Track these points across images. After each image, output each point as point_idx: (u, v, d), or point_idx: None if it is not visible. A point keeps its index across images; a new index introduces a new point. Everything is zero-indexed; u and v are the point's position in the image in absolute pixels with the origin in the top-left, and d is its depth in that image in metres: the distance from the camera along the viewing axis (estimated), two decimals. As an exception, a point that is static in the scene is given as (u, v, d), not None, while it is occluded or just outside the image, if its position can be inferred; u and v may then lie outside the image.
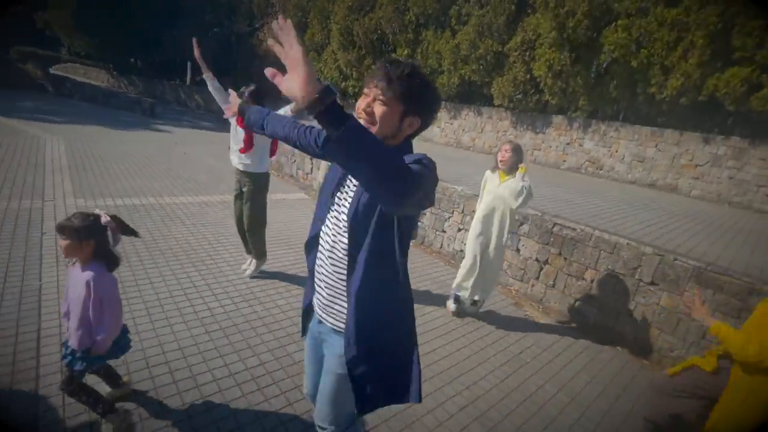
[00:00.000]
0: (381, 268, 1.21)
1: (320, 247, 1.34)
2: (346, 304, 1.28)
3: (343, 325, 1.30)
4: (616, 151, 8.97)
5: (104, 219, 1.74)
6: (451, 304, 3.60)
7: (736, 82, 6.84)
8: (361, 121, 1.13)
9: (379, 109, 1.13)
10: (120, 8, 20.99)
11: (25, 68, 23.43)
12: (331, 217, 1.29)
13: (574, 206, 5.01)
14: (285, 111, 3.07)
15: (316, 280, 1.38)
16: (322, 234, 1.33)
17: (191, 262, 3.83)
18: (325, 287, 1.34)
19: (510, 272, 4.37)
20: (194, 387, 2.30)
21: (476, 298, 3.56)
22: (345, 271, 1.25)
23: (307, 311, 1.49)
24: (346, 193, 1.26)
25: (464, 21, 11.07)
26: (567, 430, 2.43)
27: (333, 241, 1.28)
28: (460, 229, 4.92)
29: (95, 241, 1.71)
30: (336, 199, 1.29)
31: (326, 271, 1.32)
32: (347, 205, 1.23)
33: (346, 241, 1.23)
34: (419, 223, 5.38)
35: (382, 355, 1.29)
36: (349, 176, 1.25)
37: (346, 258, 1.23)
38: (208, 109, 19.28)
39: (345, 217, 1.22)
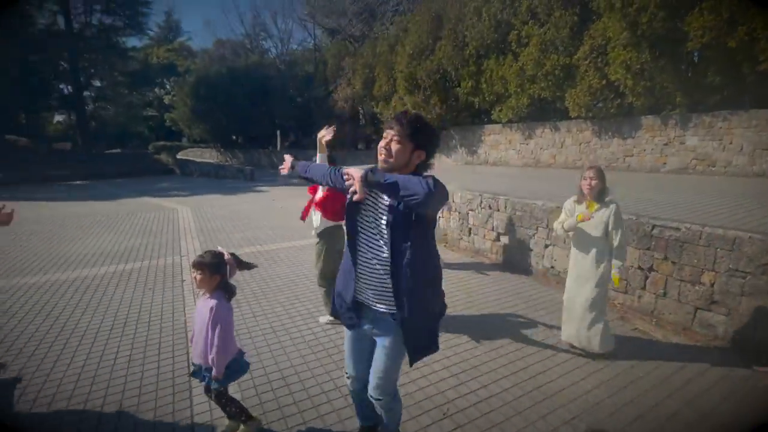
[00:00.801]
0: (418, 249, 1.61)
1: (361, 249, 1.70)
2: (389, 288, 1.66)
3: (392, 306, 1.67)
4: (730, 143, 7.81)
5: (226, 256, 2.14)
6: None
7: None
8: (382, 155, 1.59)
9: (395, 147, 1.57)
10: (222, 98, 25.33)
11: (159, 158, 29.19)
12: (366, 229, 1.69)
13: (675, 207, 4.49)
14: (320, 159, 3.37)
15: (362, 275, 1.72)
16: (360, 244, 1.70)
17: (295, 295, 4.30)
18: (372, 279, 1.70)
19: (610, 285, 4.01)
20: (293, 403, 2.56)
21: (597, 351, 2.97)
22: (387, 262, 1.64)
23: (355, 307, 1.79)
24: (371, 211, 1.68)
25: (525, 43, 11.07)
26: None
27: (373, 245, 1.67)
28: (547, 246, 4.72)
29: (220, 275, 2.11)
30: (365, 217, 1.69)
31: (371, 265, 1.69)
32: (382, 217, 1.63)
33: (385, 240, 1.63)
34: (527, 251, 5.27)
35: (421, 312, 1.68)
36: (367, 203, 1.68)
37: (389, 253, 1.62)
38: (297, 167, 21.58)
39: (384, 224, 1.61)
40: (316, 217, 3.49)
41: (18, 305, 4.12)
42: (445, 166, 13.55)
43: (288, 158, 2.11)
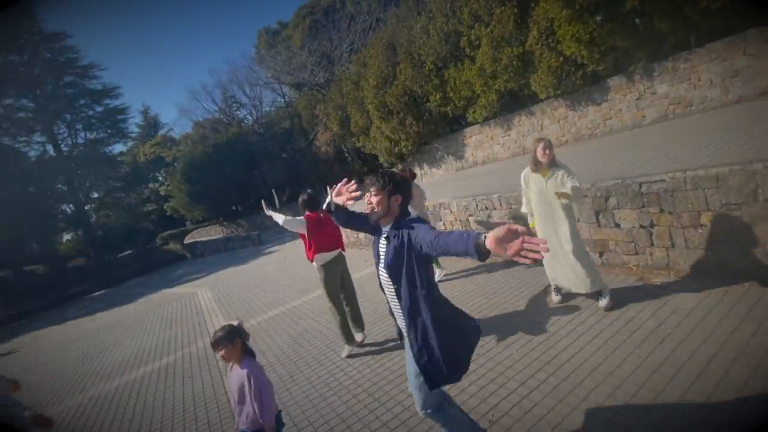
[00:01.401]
0: (414, 291, 1.89)
1: (387, 292, 2.04)
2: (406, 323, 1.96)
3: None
4: (699, 80, 7.95)
5: (236, 323, 2.33)
6: (554, 296, 3.74)
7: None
8: (369, 209, 1.98)
9: (375, 199, 1.96)
10: (213, 176, 26.21)
11: (168, 248, 29.89)
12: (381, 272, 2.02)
13: (663, 160, 4.58)
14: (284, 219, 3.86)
15: (395, 313, 2.07)
16: (383, 284, 2.05)
17: (327, 346, 4.39)
18: (400, 315, 2.00)
19: (620, 249, 4.07)
20: (356, 445, 2.62)
21: (589, 291, 3.41)
22: (398, 303, 1.96)
23: (400, 335, 2.16)
24: (380, 256, 2.02)
25: (477, 45, 11.52)
26: (741, 388, 2.13)
27: (387, 286, 1.99)
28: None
29: (240, 340, 2.26)
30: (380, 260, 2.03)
31: (395, 305, 2.02)
32: (381, 260, 1.99)
33: (391, 282, 1.95)
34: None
35: (433, 348, 1.91)
36: (377, 247, 2.05)
37: (395, 293, 1.94)
38: (299, 219, 22.00)
39: (383, 269, 1.96)
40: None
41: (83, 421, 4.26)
42: (437, 179, 13.77)
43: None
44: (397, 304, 1.95)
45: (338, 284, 4.06)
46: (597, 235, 4.24)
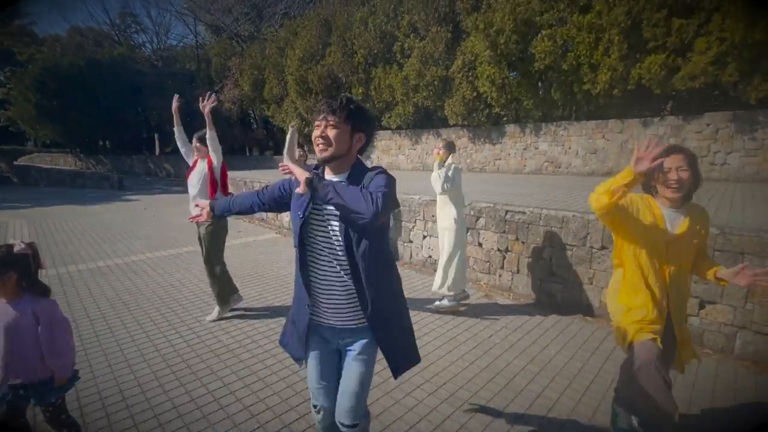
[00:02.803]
0: (377, 260, 1.49)
1: (314, 272, 1.53)
2: (355, 303, 1.50)
3: (360, 322, 1.53)
4: (569, 148, 9.44)
5: (17, 248, 1.69)
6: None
7: (655, 68, 7.46)
8: (320, 146, 1.43)
9: (332, 132, 1.41)
10: (81, 95, 21.58)
11: (-12, 164, 23.45)
12: (317, 240, 1.50)
13: (527, 197, 5.21)
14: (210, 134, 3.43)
15: (320, 298, 1.53)
16: (311, 260, 1.53)
17: (155, 308, 3.77)
18: (332, 298, 1.51)
19: (477, 267, 4.44)
20: (153, 417, 2.22)
21: (434, 290, 3.66)
22: (348, 277, 1.48)
23: (309, 332, 1.59)
24: (319, 223, 1.49)
25: (408, 54, 11.84)
26: (536, 396, 2.43)
27: (329, 259, 1.49)
28: (425, 237, 5.03)
29: (15, 271, 1.66)
30: (315, 230, 1.50)
31: (329, 284, 1.51)
32: (334, 227, 1.45)
33: (343, 254, 1.46)
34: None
35: (396, 324, 1.61)
36: (315, 217, 1.50)
37: (348, 266, 1.46)
38: (179, 174, 19.48)
39: (339, 237, 1.45)
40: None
41: None
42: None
43: (203, 204, 1.81)
44: (342, 276, 1.48)
45: (224, 241, 3.61)
46: (462, 251, 4.57)
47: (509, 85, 9.75)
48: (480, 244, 4.39)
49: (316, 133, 1.44)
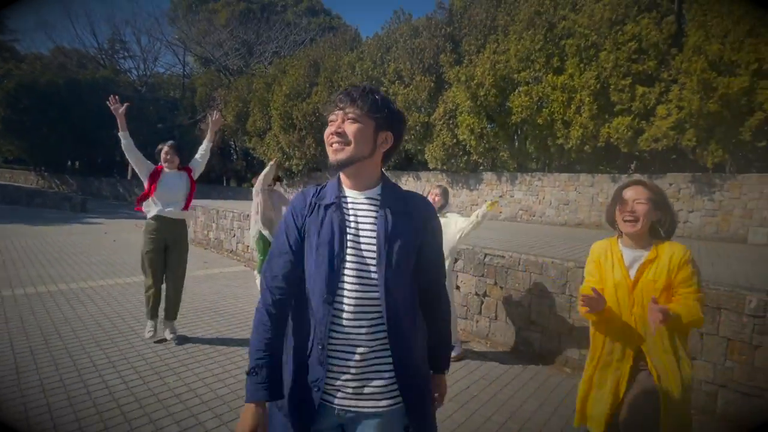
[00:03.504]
0: (415, 313, 1.16)
1: (340, 323, 1.07)
2: (380, 381, 1.08)
3: (382, 405, 1.08)
4: (543, 198, 9.72)
5: None
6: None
7: (622, 128, 7.96)
8: (334, 146, 1.07)
9: (351, 128, 1.06)
10: (56, 113, 20.95)
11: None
12: (350, 281, 1.07)
13: (504, 242, 5.19)
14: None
15: (340, 365, 1.08)
16: (338, 306, 1.07)
17: (95, 341, 3.34)
18: (358, 366, 1.07)
19: (454, 312, 4.26)
20: None
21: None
22: (384, 335, 1.08)
23: (315, 414, 1.09)
24: (358, 251, 1.08)
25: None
26: (519, 459, 2.20)
27: (362, 306, 1.07)
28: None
29: None
30: (348, 263, 1.08)
31: (354, 346, 1.07)
32: (372, 263, 1.07)
33: (378, 299, 1.07)
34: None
35: (423, 361, 1.20)
36: (355, 234, 1.10)
37: (384, 320, 1.07)
38: (149, 200, 18.73)
39: (375, 276, 1.06)
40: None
41: None
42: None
43: None
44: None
45: (163, 250, 3.40)
46: (439, 293, 4.40)
47: (487, 134, 10.15)
48: (458, 287, 4.24)
49: (329, 130, 1.09)
